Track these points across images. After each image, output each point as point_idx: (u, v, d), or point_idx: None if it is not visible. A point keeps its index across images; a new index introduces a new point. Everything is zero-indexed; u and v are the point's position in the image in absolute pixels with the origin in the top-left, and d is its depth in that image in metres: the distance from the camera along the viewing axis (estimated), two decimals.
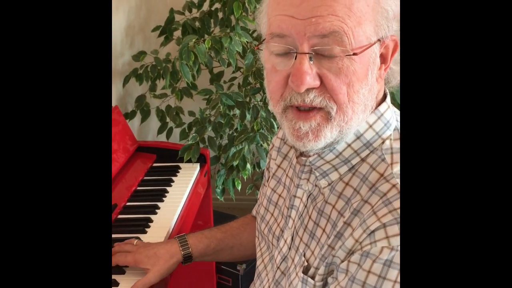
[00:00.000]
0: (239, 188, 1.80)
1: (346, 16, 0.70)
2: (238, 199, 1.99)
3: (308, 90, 0.73)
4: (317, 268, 0.79)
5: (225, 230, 1.11)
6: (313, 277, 0.80)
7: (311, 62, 0.72)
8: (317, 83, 0.72)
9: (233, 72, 1.89)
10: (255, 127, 1.59)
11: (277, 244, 0.90)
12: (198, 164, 1.63)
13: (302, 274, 0.81)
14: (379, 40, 0.74)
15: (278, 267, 0.89)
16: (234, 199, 1.93)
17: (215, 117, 1.75)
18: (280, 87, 0.75)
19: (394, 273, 0.70)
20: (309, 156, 0.82)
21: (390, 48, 0.77)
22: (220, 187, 1.87)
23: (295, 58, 0.72)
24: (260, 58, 0.83)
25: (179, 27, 1.88)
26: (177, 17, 1.92)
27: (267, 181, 1.00)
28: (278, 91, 0.76)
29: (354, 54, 0.71)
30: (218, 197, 1.90)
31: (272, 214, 0.95)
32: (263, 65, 0.80)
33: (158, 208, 1.36)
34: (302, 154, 0.86)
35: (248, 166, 1.67)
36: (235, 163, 1.63)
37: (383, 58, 0.77)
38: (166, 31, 1.88)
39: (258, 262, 0.98)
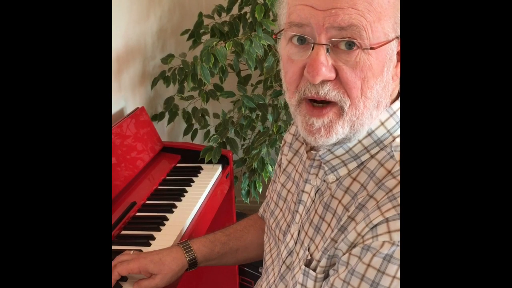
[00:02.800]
0: (260, 190, 1.81)
1: (366, 11, 0.70)
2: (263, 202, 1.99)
3: (323, 82, 0.72)
4: (318, 261, 0.79)
5: (228, 233, 1.09)
6: (314, 270, 0.80)
7: (328, 54, 0.72)
8: (332, 75, 0.72)
9: (260, 75, 1.90)
10: (274, 129, 1.59)
11: (284, 239, 0.90)
12: (220, 165, 1.65)
13: (304, 267, 0.81)
14: (397, 37, 0.73)
15: (284, 262, 0.89)
16: (259, 201, 1.93)
17: (237, 119, 1.77)
18: (296, 78, 0.75)
19: (394, 268, 0.70)
20: (319, 150, 0.82)
21: None
22: (246, 188, 1.88)
23: (312, 49, 0.72)
24: (278, 48, 0.82)
25: (208, 31, 1.91)
26: (207, 21, 1.95)
27: (278, 176, 1.00)
28: (294, 82, 0.76)
29: (372, 48, 0.70)
30: (243, 199, 1.92)
31: (281, 209, 0.95)
32: (280, 56, 0.80)
33: (175, 207, 1.39)
34: (312, 148, 0.86)
35: (270, 168, 1.67)
36: (254, 165, 1.64)
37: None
38: (194, 34, 1.92)
39: (266, 258, 0.98)
